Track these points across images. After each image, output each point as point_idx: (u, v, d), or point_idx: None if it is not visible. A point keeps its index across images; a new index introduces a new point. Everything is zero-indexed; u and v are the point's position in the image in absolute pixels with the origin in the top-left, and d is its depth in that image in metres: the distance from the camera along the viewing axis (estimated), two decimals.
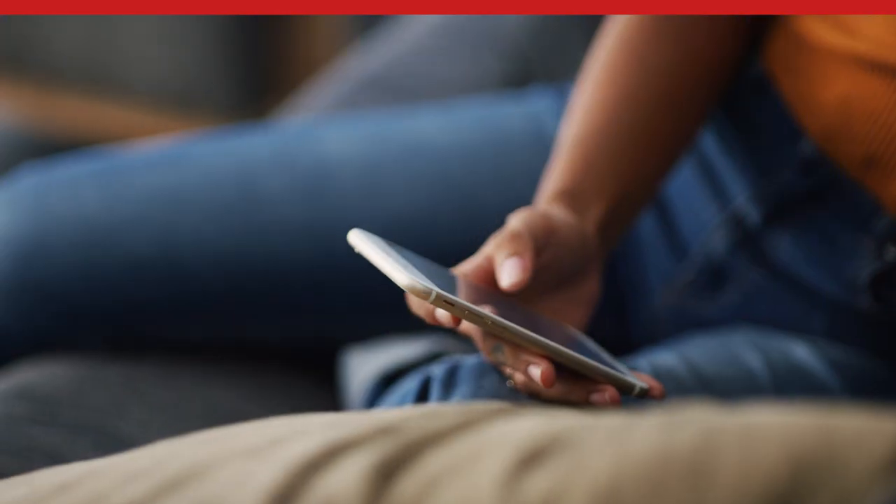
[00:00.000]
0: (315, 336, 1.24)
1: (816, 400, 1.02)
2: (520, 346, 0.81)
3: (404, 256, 0.80)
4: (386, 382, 1.15)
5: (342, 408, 1.21)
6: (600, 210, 0.96)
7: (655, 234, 1.16)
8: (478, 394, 0.87)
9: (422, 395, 0.92)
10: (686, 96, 1.03)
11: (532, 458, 0.54)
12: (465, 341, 1.19)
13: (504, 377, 0.87)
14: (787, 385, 1.02)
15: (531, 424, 0.58)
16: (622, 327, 1.20)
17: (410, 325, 1.21)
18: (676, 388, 0.96)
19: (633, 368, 0.94)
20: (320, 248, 1.20)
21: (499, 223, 1.20)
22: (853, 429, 0.49)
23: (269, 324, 1.22)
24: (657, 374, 0.97)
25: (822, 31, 1.02)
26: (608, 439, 0.53)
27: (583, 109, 1.01)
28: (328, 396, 1.23)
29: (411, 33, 1.80)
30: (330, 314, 1.21)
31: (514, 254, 0.84)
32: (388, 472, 0.56)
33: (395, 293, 1.20)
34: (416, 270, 0.78)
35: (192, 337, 1.22)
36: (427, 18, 1.85)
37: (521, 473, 0.53)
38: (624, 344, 1.15)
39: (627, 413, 0.58)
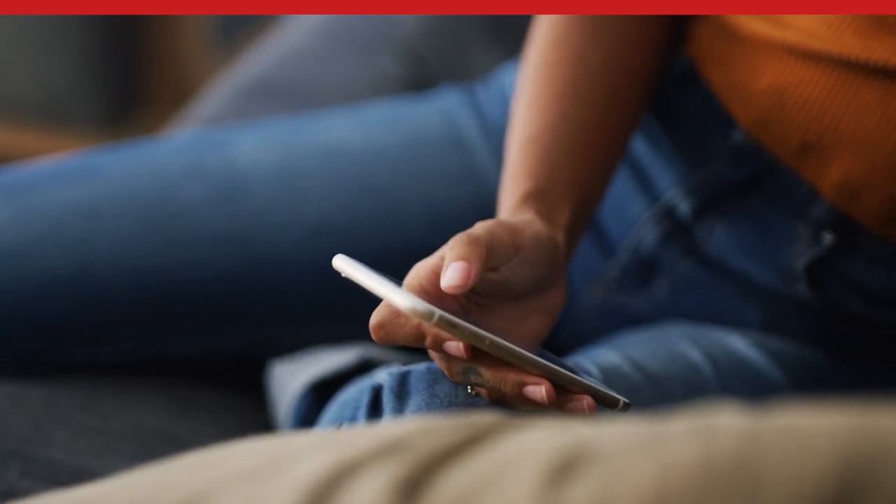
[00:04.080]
0: (239, 348, 1.21)
1: (762, 391, 1.03)
2: (505, 363, 0.79)
3: (384, 277, 0.78)
4: (316, 393, 1.13)
5: (273, 421, 1.18)
6: (567, 214, 0.94)
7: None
8: (432, 402, 0.86)
9: (373, 405, 0.90)
10: (626, 93, 1.03)
11: (565, 470, 0.52)
12: (396, 348, 1.17)
13: (458, 384, 0.85)
14: (730, 377, 1.03)
15: (548, 436, 0.57)
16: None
17: (336, 333, 1.19)
18: (626, 387, 0.96)
19: (586, 371, 0.93)
20: (240, 256, 1.17)
21: (418, 223, 1.19)
22: None
23: (191, 338, 1.19)
24: (604, 373, 0.97)
25: (751, 21, 1.02)
26: (643, 449, 0.52)
27: (529, 110, 0.99)
28: (255, 411, 1.20)
29: (298, 37, 1.77)
30: (254, 325, 1.19)
31: (463, 258, 0.81)
32: (408, 492, 0.55)
33: (319, 301, 1.18)
34: (406, 292, 0.76)
35: (112, 355, 1.18)
36: (311, 19, 1.81)
37: (558, 485, 0.52)
38: (550, 345, 1.14)
39: (641, 421, 0.57)
